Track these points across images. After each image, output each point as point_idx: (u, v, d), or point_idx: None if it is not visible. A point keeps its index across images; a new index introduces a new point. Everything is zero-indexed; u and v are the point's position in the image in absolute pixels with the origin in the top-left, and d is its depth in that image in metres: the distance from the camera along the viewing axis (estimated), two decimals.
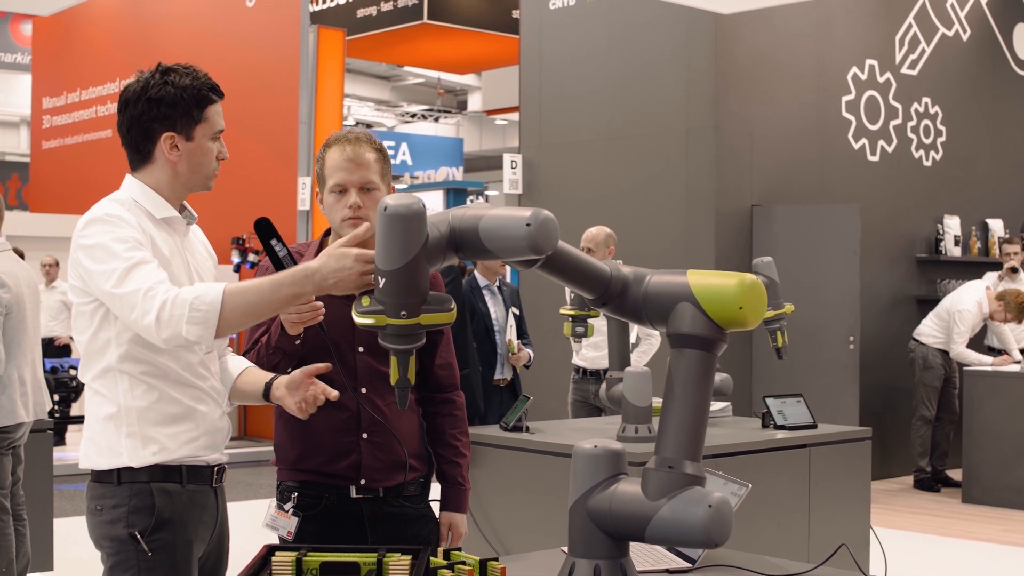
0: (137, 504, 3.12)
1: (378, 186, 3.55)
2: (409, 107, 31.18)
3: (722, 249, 10.66)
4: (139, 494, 3.12)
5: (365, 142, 3.57)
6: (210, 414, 3.23)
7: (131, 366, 3.11)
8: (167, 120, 3.17)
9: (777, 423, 6.16)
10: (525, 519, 5.65)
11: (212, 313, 2.90)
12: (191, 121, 3.18)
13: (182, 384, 3.17)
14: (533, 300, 11.52)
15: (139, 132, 3.21)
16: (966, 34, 13.09)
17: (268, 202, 13.98)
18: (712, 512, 2.44)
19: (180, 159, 3.21)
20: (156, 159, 3.22)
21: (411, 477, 3.63)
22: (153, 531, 3.12)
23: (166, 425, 3.14)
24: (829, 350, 10.51)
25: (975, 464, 10.66)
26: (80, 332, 3.16)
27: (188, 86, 3.18)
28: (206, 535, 3.26)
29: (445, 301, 2.44)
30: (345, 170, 3.52)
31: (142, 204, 3.20)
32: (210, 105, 3.22)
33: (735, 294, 2.51)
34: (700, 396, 2.55)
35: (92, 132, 18.26)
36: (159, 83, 3.19)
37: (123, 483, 3.13)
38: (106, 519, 3.14)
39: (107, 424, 3.14)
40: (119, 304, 2.98)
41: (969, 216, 12.91)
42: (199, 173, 3.24)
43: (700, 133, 10.76)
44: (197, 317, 2.89)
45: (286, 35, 14.67)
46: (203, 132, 3.21)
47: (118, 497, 3.13)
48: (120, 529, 3.12)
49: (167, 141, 3.19)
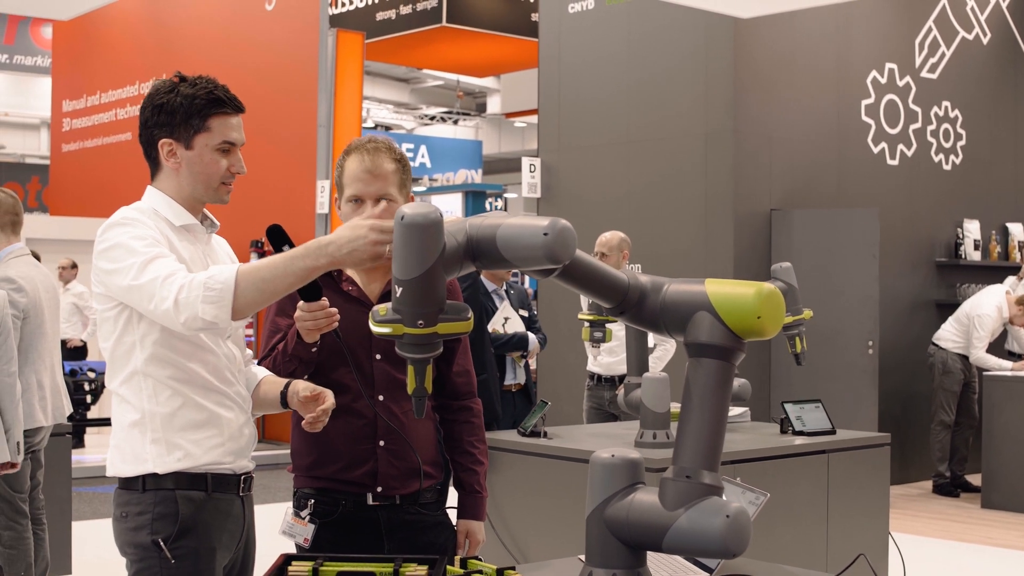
0: (161, 511, 3.12)
1: (396, 198, 3.53)
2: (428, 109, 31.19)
3: (741, 254, 10.64)
4: (163, 501, 3.13)
5: (384, 152, 3.54)
6: (235, 420, 3.23)
7: (157, 370, 3.12)
8: (166, 127, 3.19)
9: (796, 429, 6.13)
10: (542, 525, 5.64)
11: (227, 291, 2.89)
12: (190, 130, 3.18)
13: (207, 389, 3.17)
14: (550, 305, 11.52)
15: (146, 138, 3.25)
16: (986, 37, 13.04)
17: (287, 206, 13.99)
18: (730, 522, 2.43)
19: (180, 167, 3.21)
20: (163, 167, 3.24)
21: (427, 484, 3.61)
22: (176, 538, 3.12)
23: (190, 431, 3.14)
24: (848, 355, 10.48)
25: (995, 469, 10.62)
26: (104, 338, 3.17)
27: (190, 95, 3.18)
28: (231, 543, 3.26)
29: (462, 310, 2.43)
30: (362, 181, 3.51)
31: (161, 212, 3.21)
32: (214, 116, 3.19)
33: (753, 304, 2.50)
34: (718, 406, 2.54)
35: (112, 135, 18.30)
36: (167, 90, 3.21)
37: (148, 490, 3.13)
38: (130, 526, 3.15)
39: (132, 431, 3.14)
40: (138, 295, 2.99)
41: (989, 220, 12.86)
42: (201, 183, 3.22)
43: (719, 137, 10.74)
44: (212, 296, 2.88)
45: (305, 38, 14.68)
46: (204, 142, 3.19)
47: (143, 504, 3.14)
48: (144, 536, 3.13)
49: (164, 147, 3.20)
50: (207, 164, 3.21)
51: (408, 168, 3.61)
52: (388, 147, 3.56)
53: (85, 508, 10.24)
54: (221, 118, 3.21)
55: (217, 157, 3.21)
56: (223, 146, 3.22)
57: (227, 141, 3.22)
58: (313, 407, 3.21)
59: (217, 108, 3.20)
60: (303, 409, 3.23)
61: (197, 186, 3.23)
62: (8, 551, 6.19)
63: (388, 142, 3.59)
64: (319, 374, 3.52)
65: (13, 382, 5.69)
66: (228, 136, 3.22)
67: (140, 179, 3.27)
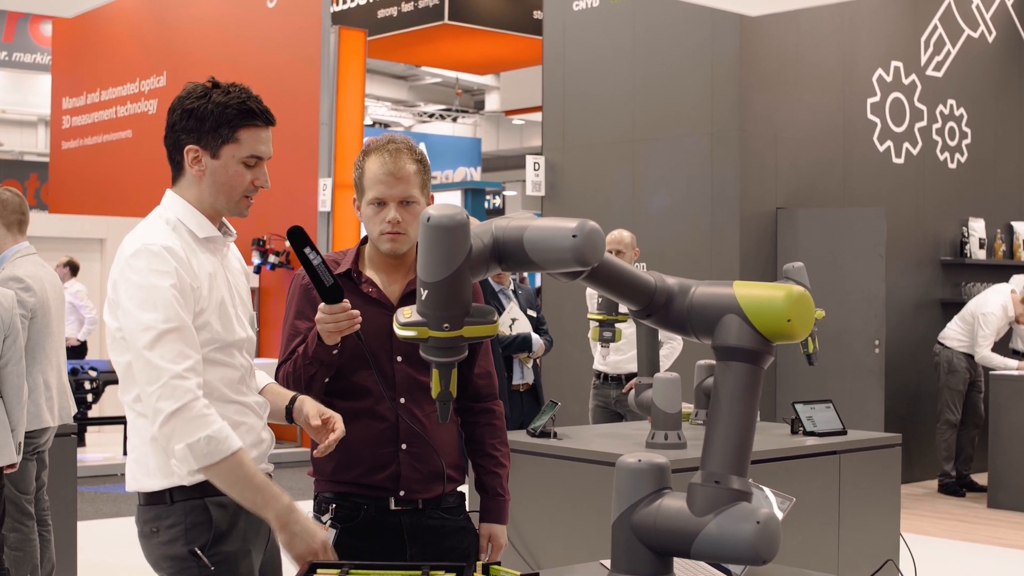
0: (194, 520, 3.08)
1: (418, 199, 3.49)
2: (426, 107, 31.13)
3: (747, 253, 10.60)
4: (194, 510, 3.08)
5: (406, 153, 3.49)
6: (255, 426, 3.20)
7: None
8: (194, 133, 3.12)
9: (807, 429, 6.11)
10: (554, 527, 5.60)
11: (213, 457, 2.95)
12: (218, 139, 3.11)
13: (225, 401, 3.12)
14: (555, 304, 11.48)
15: (171, 141, 3.18)
16: (991, 36, 13.01)
17: (289, 204, 13.95)
18: (760, 528, 2.41)
19: (203, 175, 3.15)
20: (185, 172, 3.18)
21: (449, 488, 3.58)
22: (213, 544, 3.08)
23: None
24: (854, 354, 10.45)
25: (1001, 469, 10.59)
26: (119, 353, 3.09)
27: (223, 103, 3.11)
28: (262, 545, 3.24)
29: (488, 313, 2.39)
30: (385, 184, 3.46)
31: (185, 223, 3.15)
32: (244, 128, 3.13)
33: (783, 306, 2.48)
34: (747, 410, 2.51)
35: (112, 133, 18.26)
36: (199, 96, 3.14)
37: (176, 502, 3.08)
38: (163, 540, 3.09)
39: (154, 444, 3.07)
40: (143, 367, 2.96)
41: (994, 219, 12.84)
42: (223, 194, 3.16)
43: (724, 135, 10.71)
44: (201, 450, 2.94)
45: (307, 36, 14.65)
46: (232, 153, 3.13)
47: (173, 516, 3.08)
48: (179, 548, 3.07)
49: (190, 153, 3.14)
50: (231, 176, 3.15)
51: (428, 168, 3.56)
52: (409, 147, 3.52)
53: (88, 508, 10.21)
54: (251, 130, 3.15)
55: (242, 170, 3.15)
56: (249, 160, 3.16)
57: (254, 155, 3.16)
58: (324, 435, 3.19)
59: (248, 120, 3.14)
60: (313, 434, 3.21)
61: (219, 197, 3.17)
62: (14, 553, 6.15)
63: (408, 142, 3.54)
64: (340, 377, 3.48)
65: (21, 383, 5.65)
66: (256, 150, 3.16)
67: (140, 177, 3.24)
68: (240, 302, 3.24)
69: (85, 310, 14.32)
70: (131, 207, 16.12)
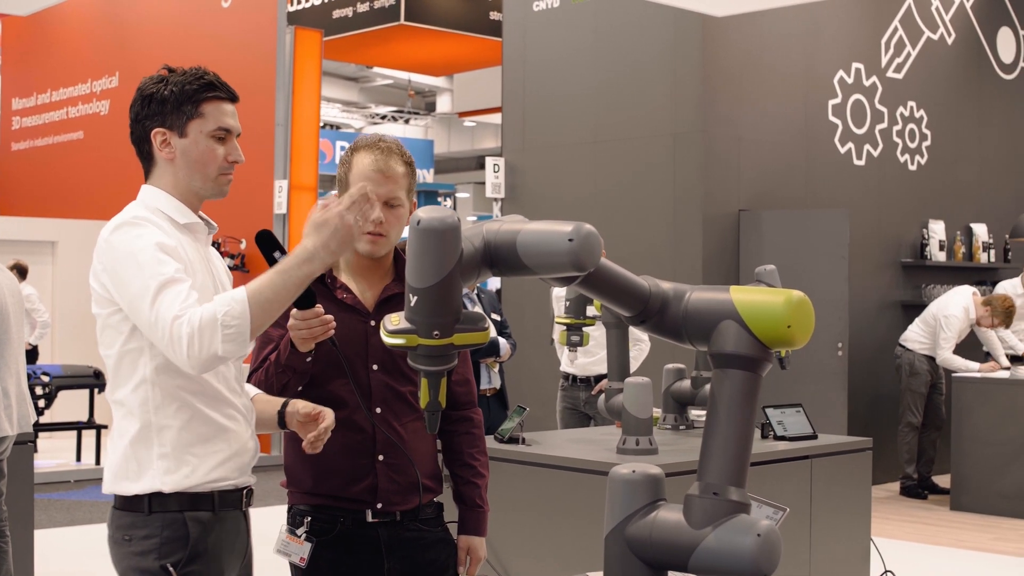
0: (170, 535, 2.98)
1: (403, 202, 3.43)
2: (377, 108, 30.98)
3: (709, 254, 10.57)
4: (172, 524, 2.98)
5: (396, 153, 3.43)
6: (241, 434, 3.09)
7: (166, 379, 2.97)
8: (158, 116, 3.07)
9: (777, 434, 6.05)
10: (524, 535, 5.51)
11: (244, 325, 2.81)
12: (183, 116, 3.06)
13: (217, 400, 3.03)
14: (516, 306, 11.41)
15: (137, 133, 3.12)
16: (951, 37, 13.04)
17: (244, 205, 13.79)
18: (761, 541, 2.34)
19: (175, 157, 3.08)
20: (157, 161, 3.11)
21: (426, 499, 3.48)
22: (187, 563, 2.98)
23: (198, 445, 3.00)
24: (818, 357, 10.41)
25: (964, 471, 10.59)
26: (108, 346, 3.01)
27: (181, 82, 3.08)
28: (237, 563, 3.14)
29: (478, 319, 2.30)
30: (373, 181, 3.37)
31: (165, 211, 3.07)
32: (207, 102, 3.09)
33: (783, 312, 2.40)
34: (745, 419, 2.43)
35: (63, 134, 18.06)
36: (157, 81, 3.10)
37: (154, 512, 2.98)
38: (135, 550, 2.99)
39: (136, 446, 2.99)
40: (149, 327, 2.87)
41: (954, 220, 12.87)
42: (199, 173, 3.09)
43: (687, 137, 10.66)
44: (231, 334, 2.80)
45: (262, 36, 14.52)
46: (199, 128, 3.07)
47: (149, 527, 2.98)
48: (151, 561, 2.98)
49: (157, 137, 3.08)
50: (203, 152, 3.08)
51: (415, 172, 3.49)
52: (399, 149, 3.46)
53: (41, 516, 10.02)
54: (214, 103, 3.10)
55: (213, 144, 3.09)
56: (218, 133, 3.09)
57: (222, 127, 3.10)
58: (313, 427, 3.08)
59: (210, 92, 3.10)
60: (302, 430, 3.11)
61: (195, 176, 3.09)
62: None
63: (398, 143, 3.47)
64: (313, 386, 3.37)
65: None
66: (223, 122, 3.10)
67: (92, 179, 3.15)
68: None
69: (37, 314, 14.09)
70: (83, 209, 15.94)
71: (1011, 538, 9.47)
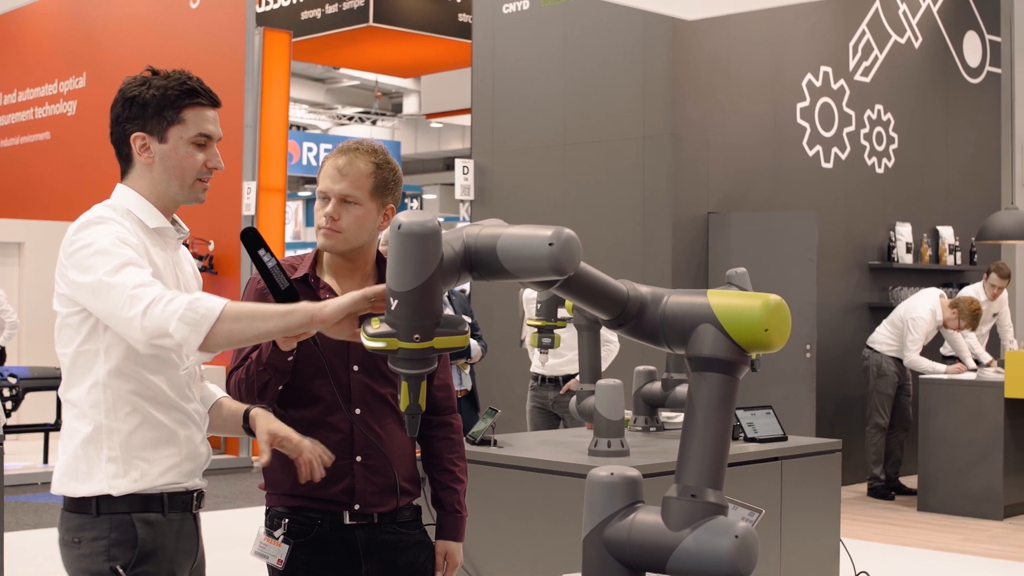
0: (118, 537, 2.97)
1: (361, 201, 3.41)
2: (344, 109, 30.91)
3: (679, 257, 10.59)
4: (120, 526, 2.98)
5: (364, 153, 3.44)
6: (192, 438, 3.09)
7: (119, 383, 2.97)
8: (138, 120, 3.06)
9: (748, 436, 6.08)
10: (497, 538, 5.52)
11: (208, 318, 2.73)
12: (164, 122, 3.05)
13: (168, 406, 3.03)
14: (486, 308, 11.41)
15: (117, 135, 3.12)
16: (918, 41, 13.12)
17: (213, 207, 13.64)
18: (739, 543, 2.35)
19: (154, 162, 3.08)
20: (135, 163, 3.11)
21: (404, 503, 3.49)
22: (136, 564, 2.98)
23: (148, 450, 3.00)
24: (786, 359, 10.45)
25: (931, 472, 10.66)
26: (65, 344, 3.01)
27: (164, 86, 3.07)
28: (187, 564, 3.13)
29: (458, 323, 2.32)
30: (330, 178, 3.42)
31: (134, 213, 3.06)
32: (188, 108, 3.07)
33: (761, 316, 2.42)
34: (722, 422, 2.45)
35: (30, 134, 17.94)
36: (139, 83, 3.09)
37: (102, 514, 2.98)
38: (84, 552, 2.99)
39: (87, 447, 2.98)
40: (105, 295, 2.83)
41: (920, 223, 12.94)
42: (176, 179, 3.08)
43: (656, 140, 10.69)
44: (191, 317, 2.72)
45: (231, 37, 14.48)
46: (179, 134, 3.06)
47: (97, 529, 2.98)
48: (100, 563, 2.97)
49: (137, 141, 3.07)
50: (182, 158, 3.08)
51: (390, 175, 3.46)
52: (370, 150, 3.45)
53: (9, 519, 9.98)
54: (196, 110, 3.09)
55: (193, 151, 3.08)
56: (199, 139, 3.09)
57: (203, 134, 3.09)
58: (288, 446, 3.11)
59: (192, 99, 3.08)
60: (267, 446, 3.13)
61: (172, 183, 3.09)
62: None
63: (372, 146, 3.46)
64: (294, 386, 3.39)
65: None
66: (204, 128, 3.09)
67: (59, 180, 3.15)
68: None
69: (5, 315, 14.01)
70: (50, 210, 15.86)
71: (978, 539, 9.54)
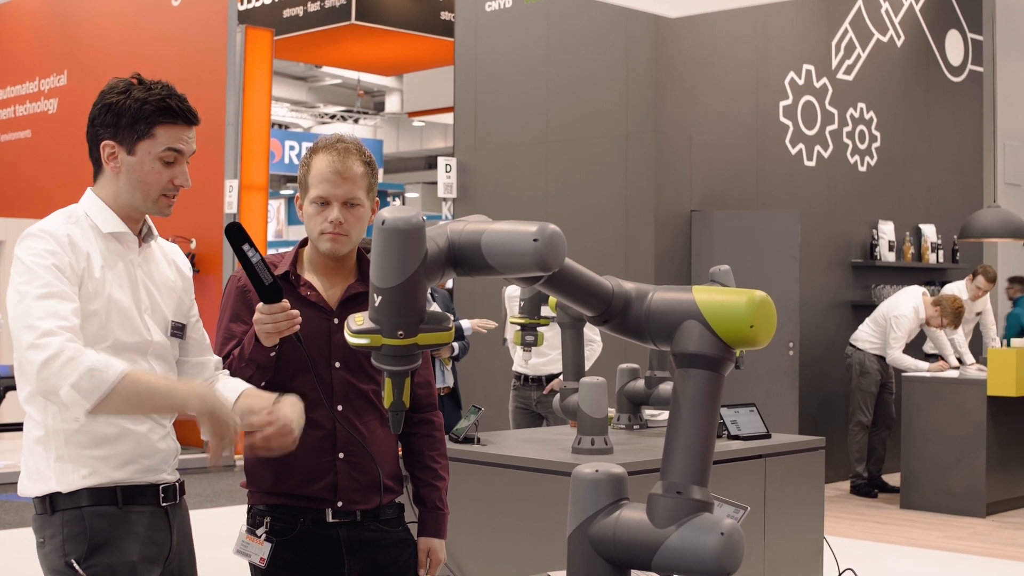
0: (71, 531, 2.99)
1: (363, 202, 3.41)
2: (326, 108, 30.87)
3: (661, 255, 10.59)
4: (72, 521, 2.99)
5: (355, 153, 3.42)
6: (149, 435, 3.08)
7: None
8: (110, 128, 3.06)
9: (731, 433, 6.07)
10: (480, 536, 5.50)
11: (100, 389, 2.79)
12: (134, 135, 3.05)
13: None
14: (467, 304, 11.40)
15: (91, 136, 3.12)
16: (900, 40, 13.14)
17: (195, 205, 13.71)
18: (725, 540, 2.34)
19: (119, 172, 3.07)
20: (104, 169, 3.11)
21: (387, 500, 3.48)
22: (88, 556, 2.97)
23: (97, 447, 3.00)
24: (769, 357, 10.46)
25: (914, 470, 10.67)
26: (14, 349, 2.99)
27: (142, 99, 3.05)
28: (158, 557, 3.10)
29: (443, 319, 2.30)
30: (330, 182, 3.37)
31: (91, 217, 3.07)
32: (161, 125, 3.06)
33: (746, 312, 2.41)
34: (708, 418, 2.44)
35: (10, 132, 17.87)
36: (120, 91, 3.08)
37: (57, 511, 3.00)
38: (47, 551, 3.03)
39: (37, 448, 3.03)
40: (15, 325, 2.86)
41: (903, 221, 12.97)
42: (140, 192, 3.08)
43: (639, 137, 10.68)
44: (85, 387, 2.79)
45: (213, 35, 14.43)
46: (148, 149, 3.05)
47: (54, 527, 3.01)
48: (58, 560, 3.00)
49: (106, 149, 3.07)
50: (148, 173, 3.07)
51: (376, 172, 3.48)
52: (358, 148, 3.44)
53: None
54: (169, 128, 3.07)
55: (159, 167, 3.07)
56: (167, 155, 3.07)
57: (172, 148, 3.07)
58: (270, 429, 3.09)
59: (166, 118, 3.07)
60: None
61: (135, 195, 3.08)
62: None
63: (357, 143, 3.46)
64: (275, 382, 3.36)
65: None
66: (173, 144, 3.07)
67: (40, 178, 3.14)
68: (152, 305, 3.13)
69: None
70: (31, 208, 15.76)
71: (961, 536, 9.56)
